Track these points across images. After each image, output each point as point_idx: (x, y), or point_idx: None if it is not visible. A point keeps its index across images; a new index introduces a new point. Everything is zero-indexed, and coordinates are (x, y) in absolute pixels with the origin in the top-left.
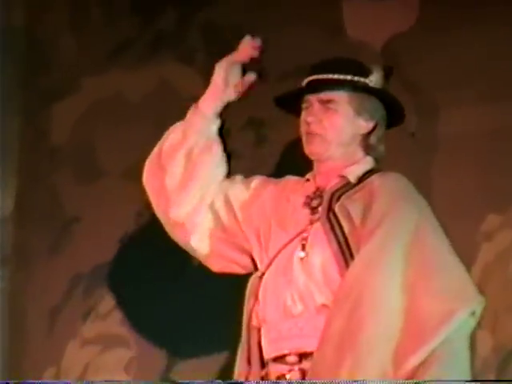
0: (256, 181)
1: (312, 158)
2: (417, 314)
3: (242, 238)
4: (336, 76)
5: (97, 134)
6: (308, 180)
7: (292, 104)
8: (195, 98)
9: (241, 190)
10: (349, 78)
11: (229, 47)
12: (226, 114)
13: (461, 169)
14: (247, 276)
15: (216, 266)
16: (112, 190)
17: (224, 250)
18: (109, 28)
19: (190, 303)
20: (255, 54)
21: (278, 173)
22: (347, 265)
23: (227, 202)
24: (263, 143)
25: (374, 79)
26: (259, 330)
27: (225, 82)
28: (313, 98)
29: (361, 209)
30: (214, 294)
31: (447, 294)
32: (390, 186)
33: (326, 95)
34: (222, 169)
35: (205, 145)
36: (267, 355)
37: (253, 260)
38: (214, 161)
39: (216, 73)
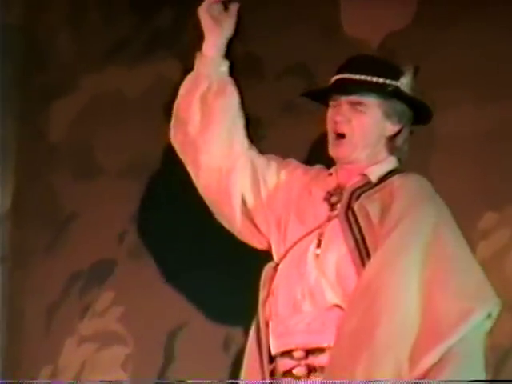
0: (288, 168)
1: (337, 161)
2: (433, 313)
3: (262, 220)
4: (369, 78)
5: (95, 132)
6: (331, 174)
7: (319, 97)
8: None
9: (272, 174)
10: (381, 80)
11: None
12: None
13: (458, 168)
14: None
15: (238, 229)
16: (110, 188)
17: (247, 223)
18: (106, 26)
19: (188, 301)
20: None
21: None
22: (363, 264)
23: (256, 183)
24: (261, 142)
25: (404, 82)
26: (268, 324)
27: (214, 22)
28: (342, 98)
29: (379, 209)
30: (212, 292)
31: (464, 294)
32: (409, 187)
33: (356, 98)
34: (239, 110)
35: (217, 87)
36: (274, 350)
37: (269, 245)
38: (231, 101)
39: (202, 19)
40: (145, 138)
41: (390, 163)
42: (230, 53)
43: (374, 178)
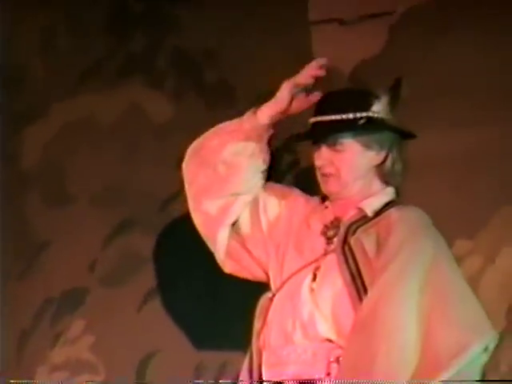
0: (290, 197)
1: (331, 197)
2: (432, 344)
3: (261, 250)
4: (339, 117)
5: (67, 159)
6: (327, 207)
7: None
8: (165, 122)
9: (274, 204)
10: (351, 116)
11: (198, 71)
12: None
13: (431, 193)
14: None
15: (229, 267)
16: (82, 216)
17: (241, 256)
18: (78, 52)
19: (159, 329)
20: (321, 73)
21: None
22: (360, 298)
23: (256, 212)
24: None
25: (376, 109)
26: (261, 354)
27: (287, 102)
28: (320, 143)
29: (375, 242)
30: (183, 320)
31: (462, 327)
32: (407, 220)
33: (332, 140)
34: (263, 176)
35: (252, 151)
36: (267, 380)
37: (267, 275)
38: (259, 168)
39: (281, 91)
40: (117, 164)
41: (386, 195)
42: (203, 80)
43: (369, 211)
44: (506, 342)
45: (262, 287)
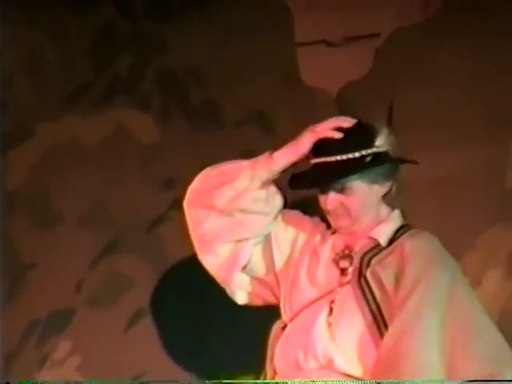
0: (301, 227)
1: (341, 231)
2: (459, 378)
3: (275, 285)
4: (344, 157)
5: (52, 180)
6: (334, 233)
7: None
8: (152, 143)
9: (286, 238)
10: (357, 155)
11: (185, 92)
12: (182, 158)
13: (415, 215)
14: None
15: (243, 300)
16: (68, 237)
17: (254, 287)
18: (63, 74)
19: (147, 350)
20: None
21: None
22: (381, 334)
23: (270, 250)
24: None
25: (379, 143)
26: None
27: (306, 151)
28: (327, 189)
29: (393, 275)
30: (171, 341)
31: (486, 359)
32: (421, 250)
33: (339, 185)
34: (274, 220)
35: (266, 195)
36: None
37: (278, 300)
38: (276, 208)
39: (303, 140)
40: (103, 186)
41: (395, 220)
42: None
43: (383, 241)
44: None
45: (251, 309)
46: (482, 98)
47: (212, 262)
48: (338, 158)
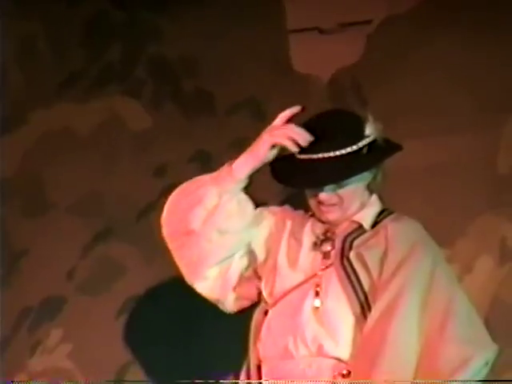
0: (276, 216)
1: (328, 223)
2: (432, 361)
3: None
4: (343, 151)
5: (45, 168)
6: (312, 215)
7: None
8: (144, 131)
9: (262, 234)
10: (354, 148)
11: (177, 80)
12: (174, 146)
13: (407, 203)
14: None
15: (234, 307)
16: (60, 224)
17: (246, 292)
18: (56, 61)
19: (137, 338)
20: (301, 141)
21: None
22: (365, 316)
23: (251, 252)
24: None
25: (369, 131)
26: (259, 368)
27: (264, 158)
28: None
29: (378, 257)
30: (161, 329)
31: (463, 342)
32: (404, 234)
33: (333, 186)
34: (252, 227)
35: (238, 207)
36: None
37: (258, 291)
38: (248, 223)
39: (259, 145)
40: (95, 173)
41: (376, 204)
42: (181, 89)
43: (366, 224)
44: None
45: None
46: (472, 84)
47: (203, 286)
48: (338, 153)
